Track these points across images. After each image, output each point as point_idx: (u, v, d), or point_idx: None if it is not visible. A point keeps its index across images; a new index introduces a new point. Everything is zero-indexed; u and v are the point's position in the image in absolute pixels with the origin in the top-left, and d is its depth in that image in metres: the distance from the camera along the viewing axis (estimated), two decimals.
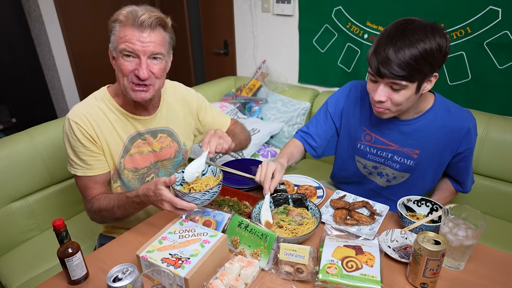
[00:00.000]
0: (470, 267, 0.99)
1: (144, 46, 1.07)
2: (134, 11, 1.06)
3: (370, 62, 1.11)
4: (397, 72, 1.04)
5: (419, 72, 1.06)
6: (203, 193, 1.01)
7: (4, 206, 1.58)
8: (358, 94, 1.37)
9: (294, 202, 1.21)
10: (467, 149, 1.25)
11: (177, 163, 1.38)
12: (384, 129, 1.30)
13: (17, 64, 2.81)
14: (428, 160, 1.28)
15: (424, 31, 1.04)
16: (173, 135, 1.34)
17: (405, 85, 1.08)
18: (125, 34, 1.06)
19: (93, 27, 2.97)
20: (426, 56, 1.04)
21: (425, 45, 1.03)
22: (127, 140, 1.23)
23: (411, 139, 1.27)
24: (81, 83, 3.00)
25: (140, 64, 1.08)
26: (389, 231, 1.10)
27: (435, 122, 1.24)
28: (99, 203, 1.17)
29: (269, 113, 2.42)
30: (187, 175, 1.09)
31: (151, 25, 1.06)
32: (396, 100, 1.12)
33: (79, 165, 1.18)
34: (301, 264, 0.94)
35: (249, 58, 2.82)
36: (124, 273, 0.86)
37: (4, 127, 2.95)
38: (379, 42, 1.09)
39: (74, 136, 1.15)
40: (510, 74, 1.78)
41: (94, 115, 1.17)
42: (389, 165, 1.34)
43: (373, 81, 1.15)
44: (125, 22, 1.06)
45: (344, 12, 2.17)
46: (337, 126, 1.43)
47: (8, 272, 1.53)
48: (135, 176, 1.28)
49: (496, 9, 1.71)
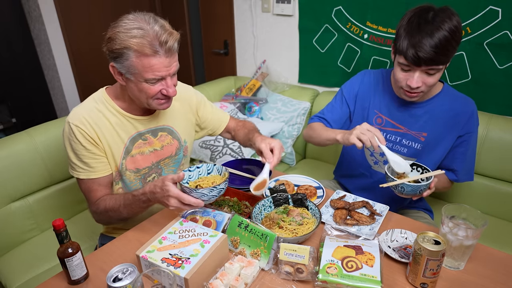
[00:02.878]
0: (470, 267, 0.99)
1: (170, 69, 1.08)
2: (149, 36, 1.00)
3: (405, 52, 1.14)
4: (436, 58, 1.11)
5: (452, 52, 1.14)
6: (210, 189, 1.01)
7: (4, 206, 1.58)
8: (371, 80, 1.45)
9: (294, 202, 1.21)
10: (467, 132, 1.32)
11: (179, 160, 1.38)
12: (395, 112, 1.37)
13: (17, 64, 2.81)
14: (433, 143, 1.34)
15: (443, 13, 1.12)
16: (174, 133, 1.34)
17: (441, 68, 1.16)
18: (151, 65, 1.03)
19: (93, 27, 2.97)
20: (453, 35, 1.11)
21: (450, 25, 1.11)
22: (128, 141, 1.23)
23: (420, 121, 1.34)
24: (81, 83, 3.00)
25: (168, 85, 1.10)
26: (389, 231, 1.11)
27: (443, 106, 1.32)
28: (104, 204, 1.17)
29: (269, 113, 2.42)
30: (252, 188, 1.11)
31: (175, 49, 1.06)
32: (430, 83, 1.19)
33: (82, 168, 1.18)
34: (301, 264, 0.94)
35: (249, 58, 2.82)
36: (124, 273, 0.86)
37: (4, 127, 2.95)
38: (410, 32, 1.13)
39: (75, 140, 1.14)
40: (510, 74, 1.77)
41: (94, 117, 1.17)
42: (397, 150, 1.39)
43: (407, 70, 1.20)
44: (145, 51, 1.01)
45: (344, 12, 2.17)
46: (351, 110, 1.49)
47: (8, 272, 1.53)
48: (137, 176, 1.28)
49: (496, 9, 1.71)
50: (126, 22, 1.03)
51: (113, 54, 1.05)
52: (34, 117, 2.89)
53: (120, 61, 1.05)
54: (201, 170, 1.15)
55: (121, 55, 1.04)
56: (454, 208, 1.01)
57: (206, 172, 1.16)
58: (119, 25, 1.03)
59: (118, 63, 1.06)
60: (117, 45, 1.02)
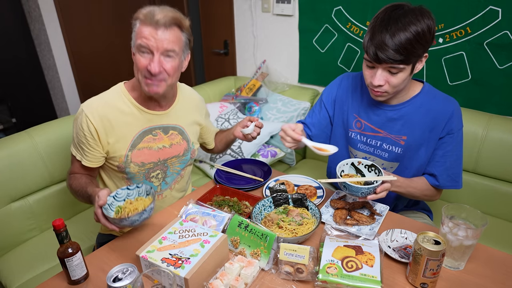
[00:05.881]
0: (470, 267, 0.99)
1: (158, 43, 1.12)
2: (152, 11, 1.13)
3: (367, 49, 1.15)
4: (395, 57, 1.10)
5: (414, 54, 1.12)
6: (120, 219, 1.00)
7: (4, 206, 1.58)
8: (349, 84, 1.43)
9: (294, 202, 1.21)
10: (448, 133, 1.27)
11: (185, 161, 1.39)
12: (373, 115, 1.34)
13: (17, 64, 2.81)
14: (414, 146, 1.30)
15: (413, 14, 1.10)
16: (184, 134, 1.36)
17: (402, 68, 1.13)
18: (141, 31, 1.13)
19: (93, 27, 2.97)
20: (419, 38, 1.09)
21: (417, 27, 1.09)
22: (137, 134, 1.26)
23: (398, 124, 1.30)
24: (81, 83, 3.00)
25: (153, 60, 1.13)
26: (389, 231, 1.11)
27: (421, 108, 1.28)
28: (71, 182, 1.27)
29: (269, 113, 2.42)
30: None
31: (165, 24, 1.12)
32: (394, 83, 1.17)
33: (77, 150, 1.26)
34: (301, 264, 0.94)
35: (249, 58, 2.82)
36: (124, 273, 0.87)
37: (4, 127, 2.95)
38: (373, 29, 1.13)
39: (80, 126, 1.22)
40: (510, 74, 1.77)
41: (106, 110, 1.22)
42: (378, 155, 1.37)
43: (370, 67, 1.19)
44: (143, 20, 1.13)
45: (344, 12, 2.17)
46: (331, 114, 1.48)
47: (8, 272, 1.53)
48: (141, 170, 1.29)
49: (496, 9, 1.71)
50: None
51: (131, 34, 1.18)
52: (34, 117, 2.89)
53: (132, 36, 1.17)
54: (141, 190, 1.13)
55: (133, 28, 1.16)
56: (454, 208, 1.01)
57: (145, 193, 1.13)
58: None
59: (132, 39, 1.18)
60: (133, 18, 1.16)
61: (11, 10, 2.70)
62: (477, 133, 1.74)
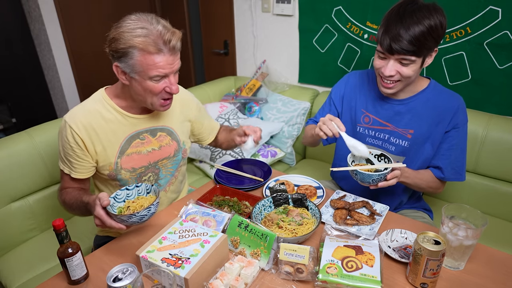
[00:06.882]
0: (470, 267, 0.99)
1: (173, 67, 1.11)
2: (153, 35, 1.04)
3: (381, 40, 1.19)
4: (408, 48, 1.14)
5: (426, 47, 1.16)
6: (129, 216, 0.99)
7: (4, 206, 1.58)
8: (357, 80, 1.48)
9: (294, 202, 1.21)
10: (453, 128, 1.31)
11: (177, 162, 1.38)
12: (380, 109, 1.39)
13: (17, 64, 2.81)
14: (421, 140, 1.34)
15: (427, 10, 1.15)
16: (173, 134, 1.34)
17: (414, 60, 1.18)
18: (155, 62, 1.06)
19: (93, 27, 2.97)
20: (431, 31, 1.14)
21: (430, 21, 1.13)
22: (124, 140, 1.24)
23: (405, 118, 1.34)
24: (81, 83, 3.00)
25: (171, 82, 1.13)
26: (389, 231, 1.11)
27: (428, 103, 1.32)
28: (65, 196, 1.23)
29: (269, 113, 2.42)
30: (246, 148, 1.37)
31: (177, 47, 1.09)
32: (405, 73, 1.21)
33: (65, 163, 1.23)
34: (301, 264, 0.94)
35: (249, 58, 2.82)
36: (124, 273, 0.87)
37: (4, 127, 2.95)
38: (388, 21, 1.17)
39: (65, 138, 1.19)
40: (510, 74, 1.77)
41: (90, 119, 1.19)
42: (386, 148, 1.40)
43: (382, 58, 1.23)
44: (149, 49, 1.04)
45: (344, 12, 2.17)
46: (339, 111, 1.52)
47: (8, 272, 1.53)
48: (132, 176, 1.28)
49: (496, 9, 1.70)
50: (129, 22, 1.06)
51: (117, 54, 1.07)
52: (34, 117, 2.89)
53: (125, 60, 1.07)
54: (140, 189, 1.13)
55: (126, 55, 1.06)
56: (454, 208, 1.01)
57: (145, 192, 1.13)
58: (122, 25, 1.06)
59: (122, 62, 1.08)
60: (121, 44, 1.05)
61: (11, 10, 2.70)
62: (477, 133, 1.74)
